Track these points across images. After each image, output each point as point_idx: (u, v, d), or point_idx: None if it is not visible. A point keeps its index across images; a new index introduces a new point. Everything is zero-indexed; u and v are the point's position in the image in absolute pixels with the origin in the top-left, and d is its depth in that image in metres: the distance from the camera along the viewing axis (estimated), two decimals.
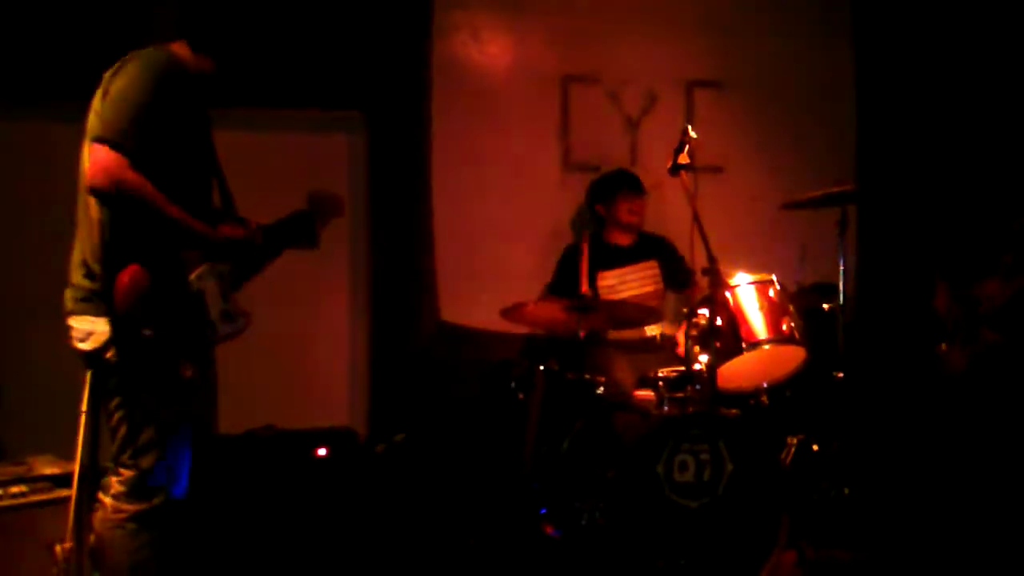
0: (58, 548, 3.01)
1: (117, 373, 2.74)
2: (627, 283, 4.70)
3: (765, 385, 4.15)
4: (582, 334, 4.03)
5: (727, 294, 4.00)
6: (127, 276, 2.60)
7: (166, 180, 2.69)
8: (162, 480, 2.77)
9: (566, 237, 5.08)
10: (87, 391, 3.00)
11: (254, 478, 3.85)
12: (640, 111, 5.40)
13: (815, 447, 4.16)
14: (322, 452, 4.02)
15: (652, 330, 4.50)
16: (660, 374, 4.00)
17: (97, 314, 2.69)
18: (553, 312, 4.12)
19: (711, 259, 3.80)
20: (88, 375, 2.98)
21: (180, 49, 2.86)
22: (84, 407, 3.00)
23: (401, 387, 4.98)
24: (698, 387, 3.83)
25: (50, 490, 3.30)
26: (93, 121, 2.72)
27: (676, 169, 3.93)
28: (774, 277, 4.10)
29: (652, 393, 4.01)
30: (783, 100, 5.53)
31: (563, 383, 4.00)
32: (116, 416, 2.77)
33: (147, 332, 2.63)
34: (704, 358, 3.83)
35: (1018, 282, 4.22)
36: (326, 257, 4.95)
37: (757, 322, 3.99)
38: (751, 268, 4.17)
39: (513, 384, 4.00)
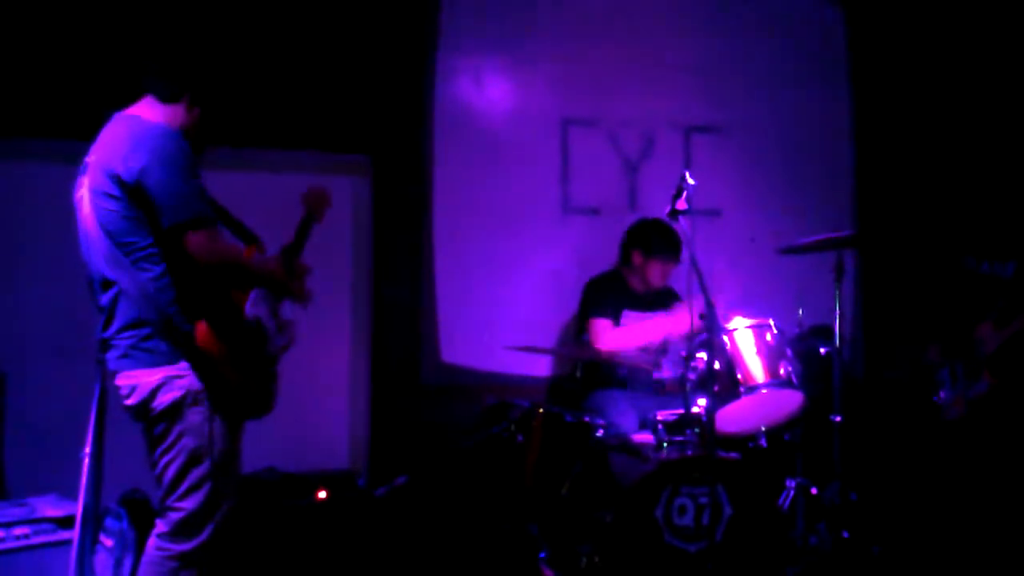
0: None
1: (164, 420, 2.80)
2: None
3: (763, 429, 4.17)
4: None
5: (725, 338, 4.03)
6: (206, 325, 2.73)
7: None
8: (208, 519, 2.82)
9: (566, 279, 5.12)
10: (91, 433, 3.03)
11: (255, 521, 3.85)
12: (639, 155, 5.48)
13: (814, 491, 4.18)
14: (322, 495, 4.03)
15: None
16: (659, 417, 4.03)
17: (137, 367, 2.78)
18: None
19: (708, 303, 3.83)
20: (92, 416, 3.01)
21: (147, 109, 2.90)
22: (87, 448, 3.03)
23: (402, 429, 5.00)
24: (697, 430, 3.85)
25: (53, 532, 3.31)
26: (127, 209, 2.75)
27: (674, 214, 3.97)
28: (771, 321, 4.13)
29: (651, 436, 4.04)
30: (781, 145, 5.61)
31: (562, 425, 4.02)
32: (162, 461, 2.82)
33: (233, 374, 2.79)
34: (703, 402, 3.85)
35: (1011, 328, 4.26)
36: (329, 298, 5.02)
37: (755, 366, 4.02)
38: (749, 312, 4.21)
39: (512, 426, 4.01)
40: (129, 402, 2.83)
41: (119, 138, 2.80)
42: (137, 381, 2.79)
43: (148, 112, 2.89)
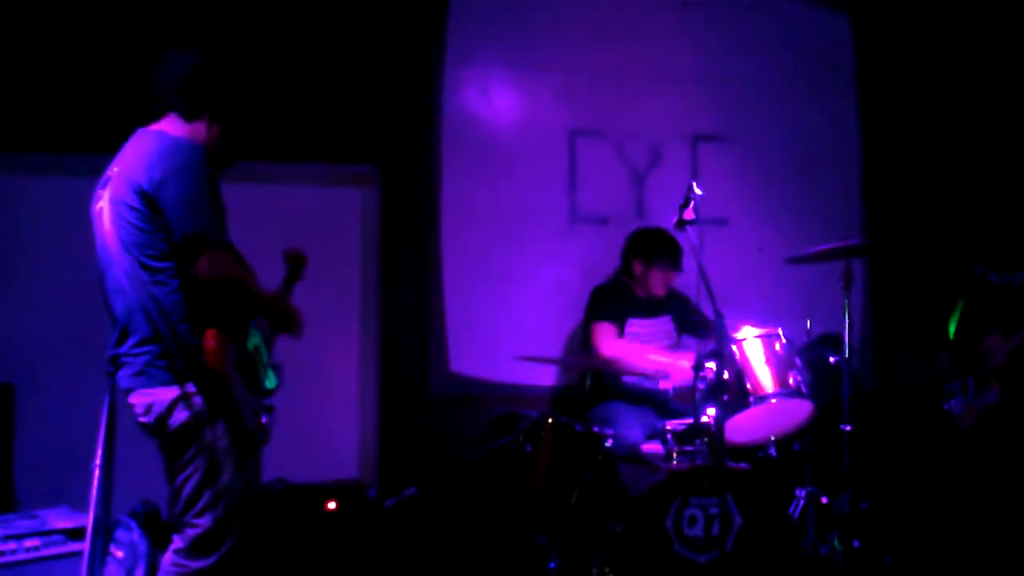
0: None
1: (181, 437, 2.80)
2: (652, 333, 4.72)
3: (773, 438, 4.16)
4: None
5: (734, 347, 4.03)
6: (213, 339, 2.72)
7: None
8: (225, 535, 2.82)
9: (573, 288, 5.12)
10: (100, 444, 3.04)
11: (265, 533, 3.85)
12: (646, 165, 5.48)
13: (824, 500, 4.16)
14: (332, 506, 4.04)
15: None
16: (668, 427, 4.02)
17: (153, 385, 2.78)
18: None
19: (717, 313, 3.83)
20: (102, 428, 3.02)
21: (170, 125, 2.91)
22: (97, 460, 3.04)
23: (411, 440, 5.00)
24: (706, 440, 3.85)
25: (63, 543, 3.32)
26: (152, 226, 2.75)
27: (682, 224, 3.98)
28: (780, 330, 4.13)
29: (660, 446, 4.03)
30: (788, 153, 5.59)
31: (572, 435, 4.02)
32: (179, 477, 2.83)
33: (237, 390, 2.79)
34: (712, 411, 3.85)
35: (1020, 337, 4.24)
36: (337, 309, 5.05)
37: (764, 376, 4.02)
38: (757, 320, 4.20)
39: (521, 437, 4.01)
40: (145, 419, 2.83)
41: (144, 151, 2.82)
42: (153, 399, 2.78)
43: (172, 128, 2.90)
